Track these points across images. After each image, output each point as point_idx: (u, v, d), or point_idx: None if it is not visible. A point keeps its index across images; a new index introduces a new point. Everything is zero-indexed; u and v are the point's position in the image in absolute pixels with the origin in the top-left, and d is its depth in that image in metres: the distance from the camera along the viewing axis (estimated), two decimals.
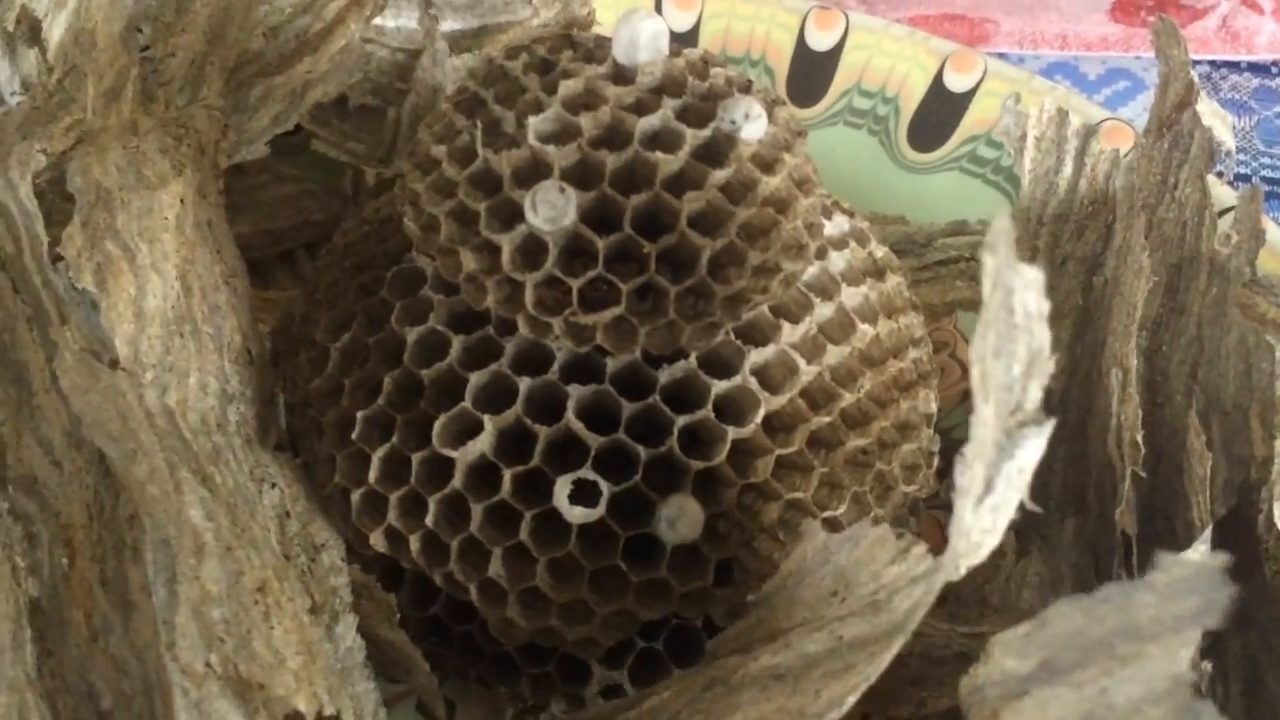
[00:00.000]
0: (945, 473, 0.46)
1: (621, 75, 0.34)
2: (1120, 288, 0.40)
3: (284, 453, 0.37)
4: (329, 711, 0.31)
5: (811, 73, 0.53)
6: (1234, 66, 0.63)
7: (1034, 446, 0.27)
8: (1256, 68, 0.63)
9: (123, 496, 0.34)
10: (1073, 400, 0.42)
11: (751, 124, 0.34)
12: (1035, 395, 0.27)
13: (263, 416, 0.37)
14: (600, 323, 0.33)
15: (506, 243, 0.33)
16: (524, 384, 0.34)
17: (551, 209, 0.32)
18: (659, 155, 0.33)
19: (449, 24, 0.51)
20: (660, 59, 0.35)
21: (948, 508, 0.44)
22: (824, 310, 0.36)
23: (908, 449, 0.37)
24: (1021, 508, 0.41)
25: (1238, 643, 0.38)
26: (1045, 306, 0.26)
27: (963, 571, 0.28)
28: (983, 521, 0.27)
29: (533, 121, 0.33)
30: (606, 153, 0.33)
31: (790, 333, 0.35)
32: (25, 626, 0.33)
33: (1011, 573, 0.41)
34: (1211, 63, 0.63)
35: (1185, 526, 0.38)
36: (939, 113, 0.51)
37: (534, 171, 0.33)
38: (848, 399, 0.35)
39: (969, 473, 0.26)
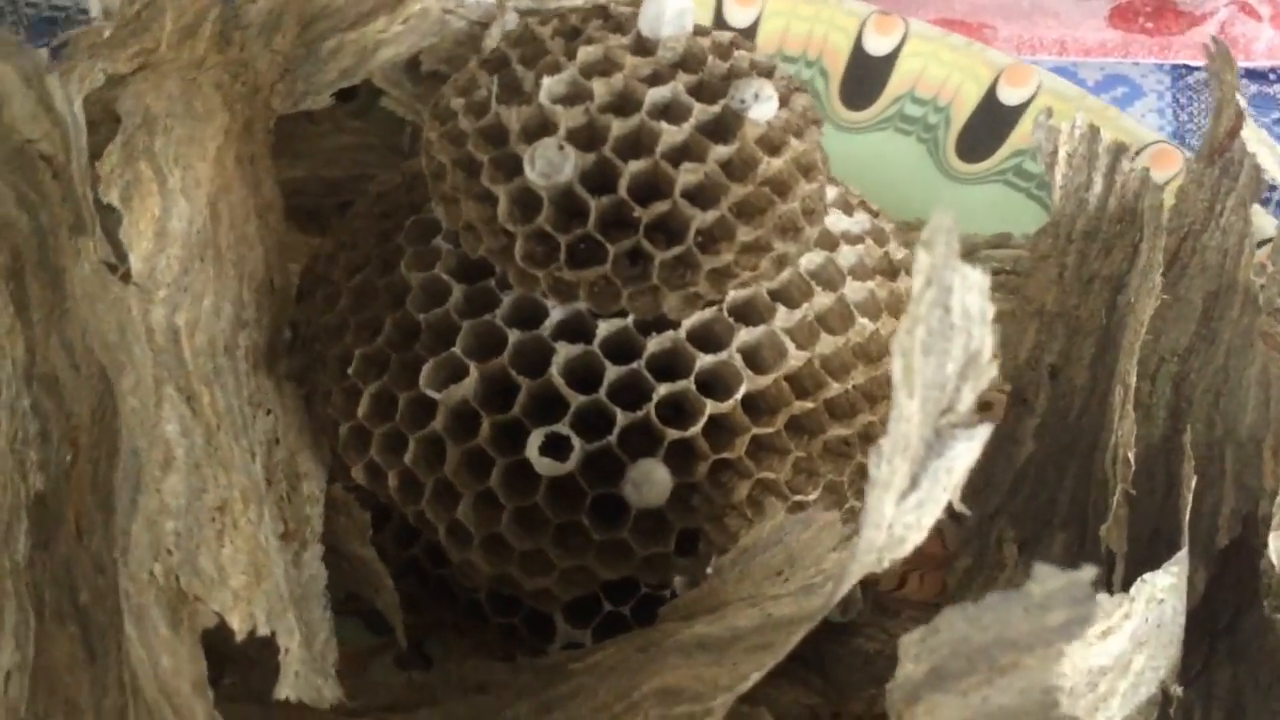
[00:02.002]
0: None
1: (643, 47, 0.34)
2: (1135, 306, 0.39)
3: (290, 382, 0.37)
4: (262, 631, 0.31)
5: (866, 77, 0.52)
6: None
7: (966, 450, 0.26)
8: (1254, 74, 0.61)
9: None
10: (1088, 418, 0.41)
11: (761, 105, 0.33)
12: (969, 398, 0.26)
13: (275, 346, 0.37)
14: (584, 280, 0.32)
15: (504, 194, 0.32)
16: (514, 336, 0.34)
17: (549, 165, 0.32)
18: (663, 125, 0.32)
19: (526, 1, 0.51)
20: (684, 36, 0.34)
21: (955, 517, 0.43)
22: (824, 300, 0.35)
23: None
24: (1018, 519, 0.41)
25: (1228, 673, 0.37)
26: (989, 310, 0.25)
27: (885, 564, 0.27)
28: (906, 517, 0.26)
29: (547, 82, 0.33)
30: (613, 118, 0.33)
31: (785, 317, 0.34)
32: (24, 518, 0.34)
33: (1009, 585, 0.40)
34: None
35: (1169, 551, 0.36)
36: (989, 125, 0.49)
37: (541, 129, 0.33)
38: (835, 389, 0.35)
39: (885, 465, 0.25)
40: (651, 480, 0.33)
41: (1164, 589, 0.33)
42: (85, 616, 0.33)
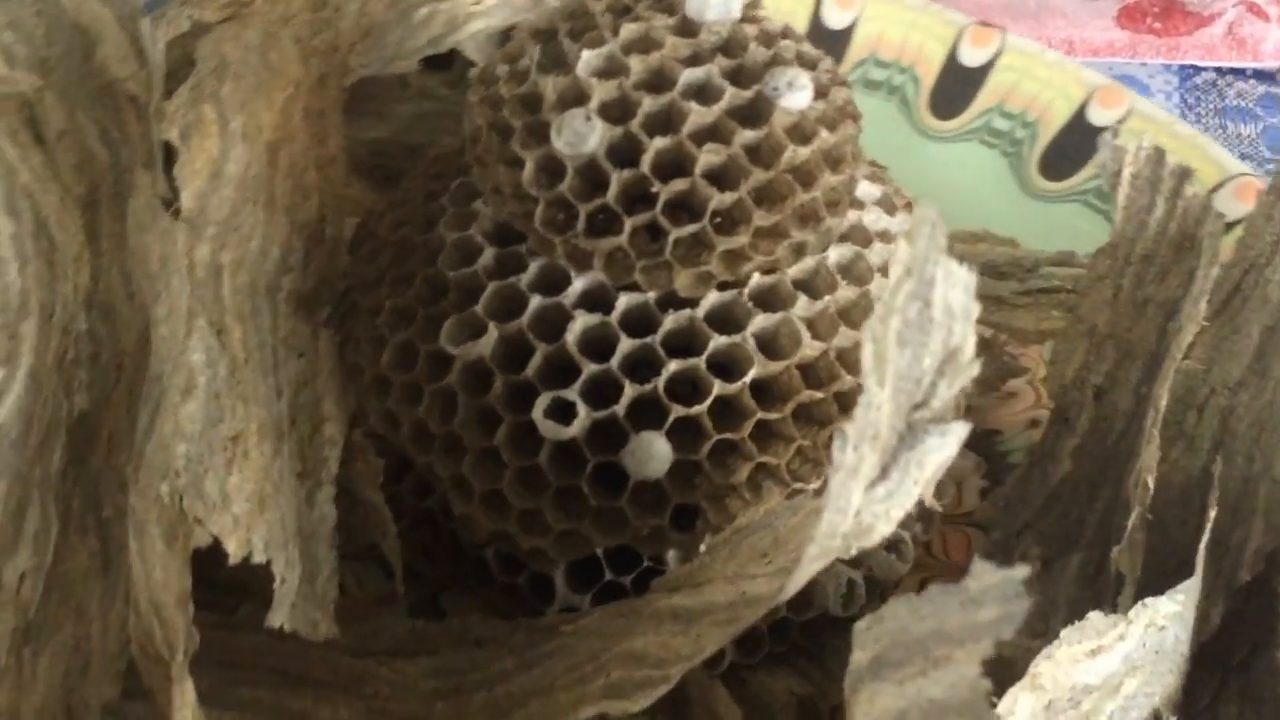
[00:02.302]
0: (987, 492, 0.44)
1: (686, 29, 0.34)
2: (1178, 333, 0.38)
3: (328, 330, 0.38)
4: (258, 559, 0.32)
5: (957, 87, 0.51)
6: (1240, 73, 0.61)
7: (940, 446, 0.26)
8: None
9: None
10: (1126, 442, 0.40)
11: (794, 94, 0.33)
12: (945, 394, 0.26)
13: (319, 294, 0.39)
14: (599, 249, 0.33)
15: (531, 160, 0.33)
16: (535, 301, 0.34)
17: (575, 135, 0.32)
18: (693, 106, 0.33)
19: None
20: (729, 20, 0.35)
21: (981, 526, 0.43)
22: (848, 293, 0.35)
23: None
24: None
25: (1234, 710, 0.36)
26: (973, 309, 0.25)
27: (851, 550, 0.27)
28: (874, 506, 0.26)
29: (586, 55, 0.34)
30: (645, 95, 0.33)
31: (805, 306, 0.34)
32: (62, 435, 0.35)
33: None
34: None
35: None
36: (1075, 144, 0.48)
37: (575, 100, 0.33)
38: (849, 383, 0.35)
39: (850, 450, 0.25)
40: (652, 452, 0.33)
41: (1167, 616, 0.32)
42: (106, 530, 0.35)
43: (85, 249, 0.37)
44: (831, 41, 0.52)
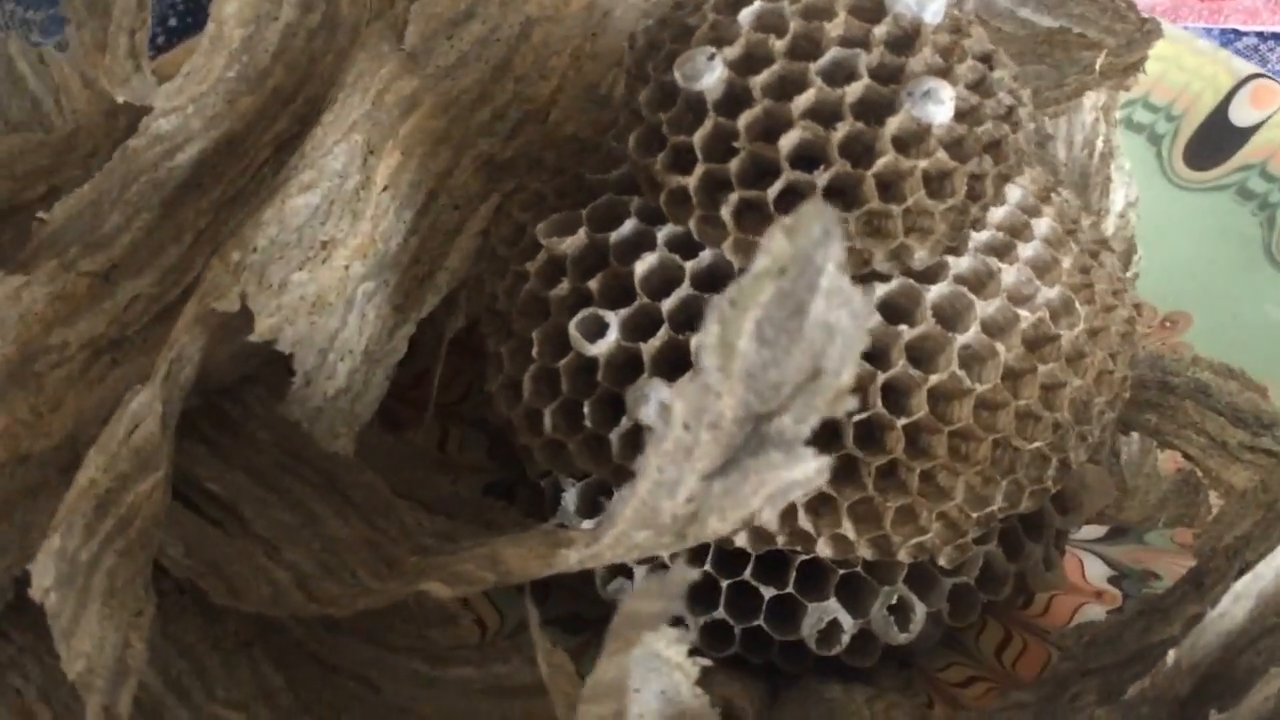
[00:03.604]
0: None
1: (872, 12, 0.33)
2: None
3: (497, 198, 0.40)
4: (282, 348, 0.34)
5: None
6: None
7: (786, 465, 0.24)
8: None
9: None
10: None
11: (927, 105, 0.31)
12: (803, 419, 0.24)
13: (514, 163, 0.40)
14: (666, 183, 0.32)
15: (654, 81, 0.33)
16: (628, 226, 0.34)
17: (693, 68, 0.32)
18: (818, 81, 0.32)
19: None
20: (919, 18, 0.33)
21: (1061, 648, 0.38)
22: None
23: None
24: None
25: None
26: (858, 343, 0.23)
27: (687, 539, 0.26)
28: (710, 499, 0.25)
29: (757, 5, 0.33)
30: (779, 56, 0.32)
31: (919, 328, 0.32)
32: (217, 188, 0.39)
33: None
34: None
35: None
36: None
37: (722, 39, 0.33)
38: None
39: (676, 423, 0.24)
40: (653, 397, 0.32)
41: None
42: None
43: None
44: (1228, 135, 0.48)
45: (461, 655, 0.35)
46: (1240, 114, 0.48)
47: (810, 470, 0.24)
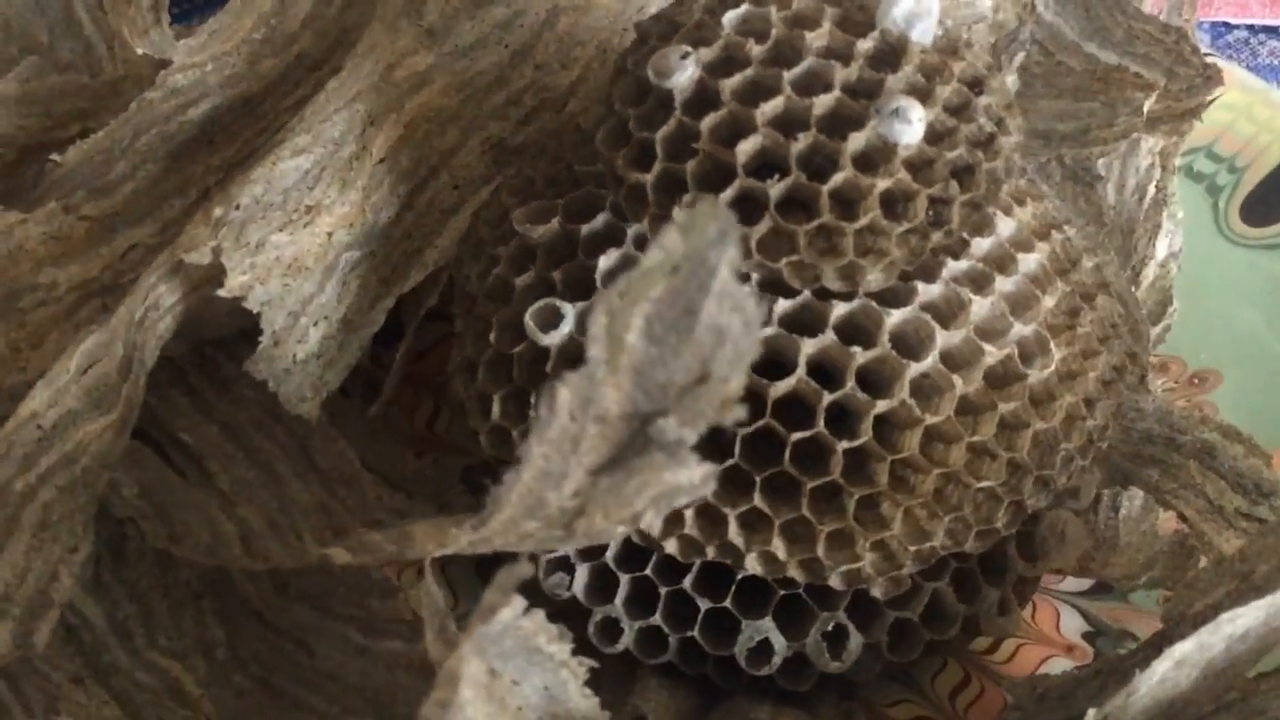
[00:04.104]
0: None
1: (855, 25, 0.32)
2: None
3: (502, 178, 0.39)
4: (250, 306, 0.34)
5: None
6: (1273, 31, 0.60)
7: (670, 468, 0.24)
8: None
9: None
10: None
11: (894, 123, 0.30)
12: (688, 421, 0.23)
13: (523, 148, 0.40)
14: (627, 177, 0.32)
15: (634, 72, 0.33)
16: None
17: (665, 65, 0.31)
18: (788, 90, 0.31)
19: None
20: (901, 34, 0.32)
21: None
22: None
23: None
24: None
25: None
26: (749, 349, 0.23)
27: (577, 538, 0.25)
28: (597, 494, 0.24)
29: (743, 8, 0.32)
30: (756, 61, 0.31)
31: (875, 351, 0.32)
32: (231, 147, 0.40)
33: None
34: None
35: None
36: None
37: (701, 39, 0.32)
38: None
39: (561, 411, 0.23)
40: None
41: None
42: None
43: None
44: None
45: (394, 629, 0.35)
46: None
47: (695, 477, 0.24)
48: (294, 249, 0.35)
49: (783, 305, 0.32)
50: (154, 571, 0.36)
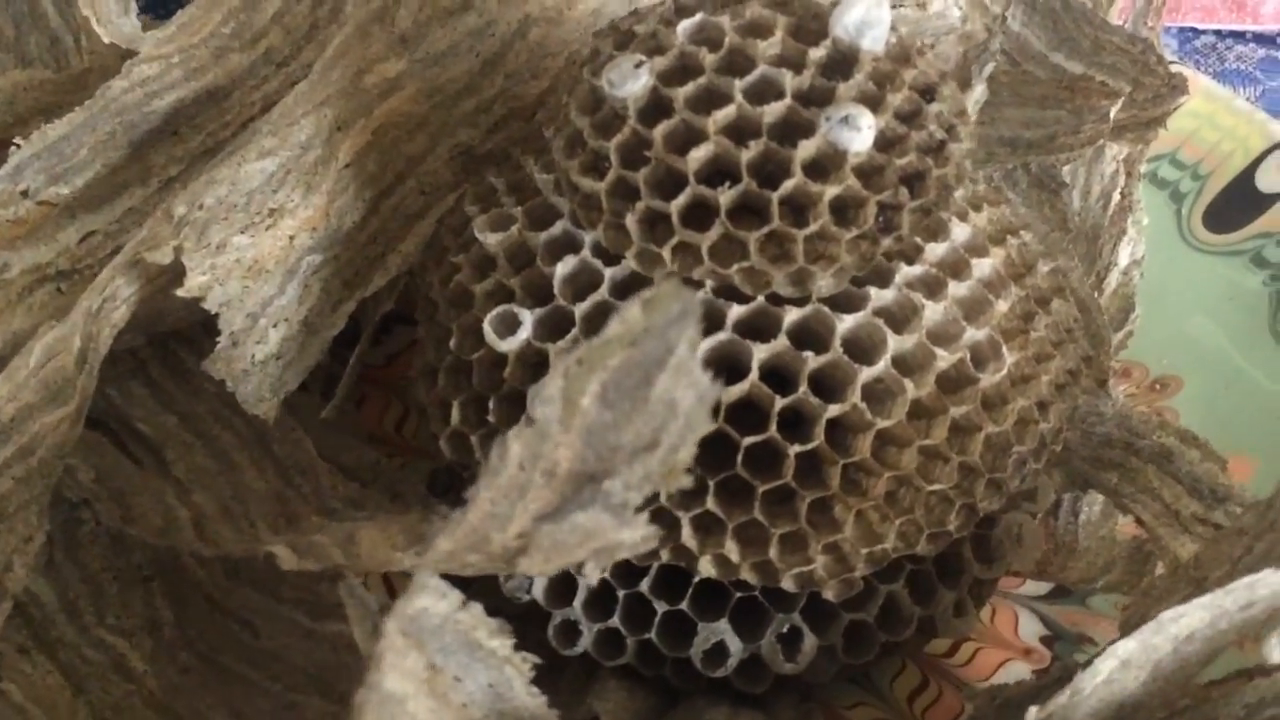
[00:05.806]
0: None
1: (808, 34, 0.32)
2: None
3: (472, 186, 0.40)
4: (208, 306, 0.34)
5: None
6: (1240, 36, 0.61)
7: (612, 528, 0.24)
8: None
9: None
10: None
11: (844, 131, 0.30)
12: (634, 485, 0.24)
13: (490, 156, 0.40)
14: (582, 188, 0.32)
15: (587, 84, 0.33)
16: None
17: (619, 75, 0.31)
18: (739, 98, 0.31)
19: None
20: (853, 43, 0.32)
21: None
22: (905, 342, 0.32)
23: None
24: None
25: None
26: (700, 423, 0.23)
27: (517, 571, 0.26)
28: (540, 539, 0.25)
29: (699, 16, 0.33)
30: (708, 69, 0.32)
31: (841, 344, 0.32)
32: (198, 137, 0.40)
33: None
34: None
35: None
36: None
37: (654, 49, 0.32)
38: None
39: (511, 461, 0.24)
40: None
41: None
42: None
43: None
44: (1252, 200, 0.46)
45: (341, 612, 0.35)
46: (1267, 179, 0.46)
47: (637, 537, 0.24)
48: (255, 251, 0.36)
49: (736, 311, 0.32)
50: (105, 554, 0.37)
